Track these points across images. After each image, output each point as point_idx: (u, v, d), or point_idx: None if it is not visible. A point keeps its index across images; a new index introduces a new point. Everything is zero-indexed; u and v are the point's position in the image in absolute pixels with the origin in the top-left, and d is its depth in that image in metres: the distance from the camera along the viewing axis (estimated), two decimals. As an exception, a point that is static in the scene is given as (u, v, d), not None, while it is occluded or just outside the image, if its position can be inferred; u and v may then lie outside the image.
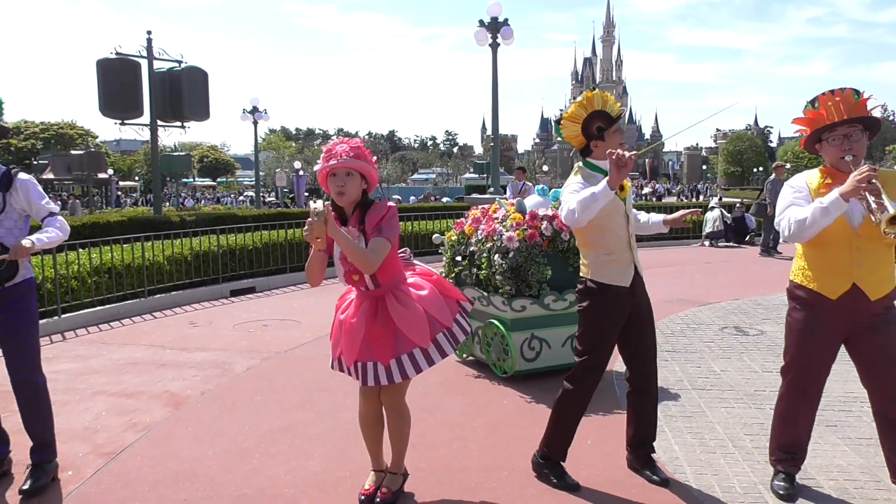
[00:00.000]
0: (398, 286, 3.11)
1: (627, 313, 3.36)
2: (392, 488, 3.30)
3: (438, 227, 12.57)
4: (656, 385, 3.57)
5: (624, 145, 3.25)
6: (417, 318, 3.05)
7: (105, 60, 12.28)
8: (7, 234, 3.35)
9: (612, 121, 3.28)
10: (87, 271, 7.74)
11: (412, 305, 3.07)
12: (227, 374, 5.55)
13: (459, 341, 3.22)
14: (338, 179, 2.96)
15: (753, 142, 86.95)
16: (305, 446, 3.96)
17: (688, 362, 5.64)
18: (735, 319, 7.31)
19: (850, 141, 2.96)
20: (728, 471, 3.56)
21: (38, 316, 3.59)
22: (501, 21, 15.63)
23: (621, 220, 3.30)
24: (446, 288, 3.29)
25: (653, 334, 3.52)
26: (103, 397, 4.98)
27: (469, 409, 4.62)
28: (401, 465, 3.36)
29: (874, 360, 3.06)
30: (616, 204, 3.22)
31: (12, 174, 3.39)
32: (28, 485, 3.41)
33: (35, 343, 3.50)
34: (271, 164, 54.75)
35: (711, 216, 16.05)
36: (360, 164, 2.95)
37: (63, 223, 3.44)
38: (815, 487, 3.37)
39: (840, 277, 3.02)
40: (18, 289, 3.41)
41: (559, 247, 5.12)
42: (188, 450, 3.96)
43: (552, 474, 3.47)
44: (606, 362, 3.44)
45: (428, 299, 3.13)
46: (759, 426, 4.17)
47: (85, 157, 28.93)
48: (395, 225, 3.02)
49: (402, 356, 3.04)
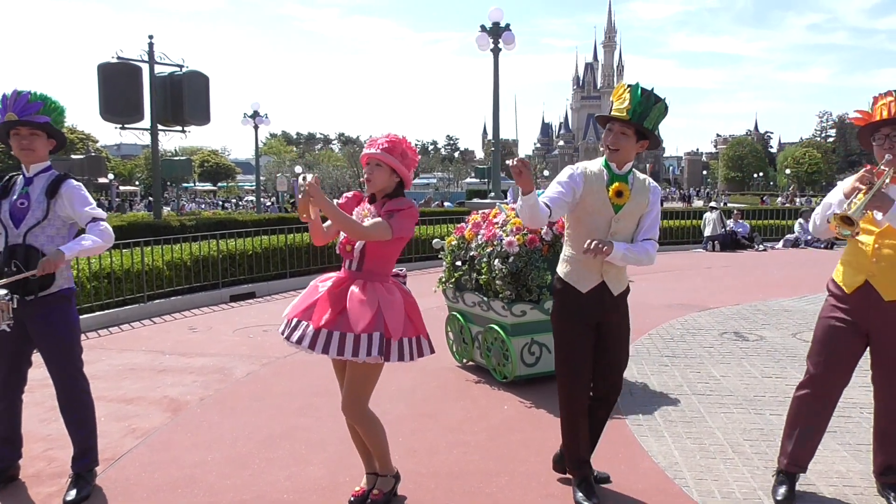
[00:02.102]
0: (385, 280, 3.16)
1: (592, 322, 3.20)
2: (384, 490, 3.31)
3: (439, 231, 12.60)
4: (610, 407, 3.38)
5: (604, 149, 3.18)
6: (398, 310, 3.09)
7: (106, 65, 12.31)
8: (49, 242, 3.31)
9: (604, 119, 3.20)
10: (87, 276, 7.72)
11: (396, 297, 3.13)
12: (227, 379, 5.54)
13: (414, 357, 3.17)
14: (368, 167, 3.14)
15: (753, 147, 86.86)
16: (305, 452, 3.95)
17: (687, 367, 5.63)
18: (735, 325, 7.30)
19: (891, 141, 2.98)
20: (728, 476, 3.55)
21: (79, 325, 3.55)
22: (503, 26, 15.66)
23: (602, 222, 3.13)
24: (419, 316, 3.25)
25: (619, 355, 3.31)
26: (102, 403, 4.92)
27: (469, 414, 4.62)
28: (388, 468, 3.35)
29: (887, 365, 3.10)
30: (602, 203, 3.11)
31: (61, 182, 3.36)
32: (73, 496, 3.38)
33: (73, 351, 3.47)
34: (272, 169, 54.84)
35: (710, 217, 16.11)
36: (387, 157, 3.08)
37: (105, 230, 3.36)
38: (815, 493, 3.37)
39: (856, 270, 3.09)
40: (54, 298, 3.36)
41: (559, 251, 5.10)
42: (187, 456, 3.94)
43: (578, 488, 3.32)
44: (579, 367, 3.21)
45: (409, 304, 3.19)
46: (759, 432, 4.17)
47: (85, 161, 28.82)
48: (406, 221, 3.08)
49: (374, 333, 2.99)
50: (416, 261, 12.46)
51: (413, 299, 3.24)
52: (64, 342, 3.42)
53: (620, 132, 3.10)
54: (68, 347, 3.44)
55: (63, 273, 3.37)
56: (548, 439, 4.04)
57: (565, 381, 3.27)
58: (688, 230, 16.88)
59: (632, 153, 3.16)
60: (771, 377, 5.28)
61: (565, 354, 3.26)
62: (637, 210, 3.17)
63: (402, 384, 5.25)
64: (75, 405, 3.50)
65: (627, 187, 3.13)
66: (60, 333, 3.40)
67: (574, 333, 3.21)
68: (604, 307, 3.20)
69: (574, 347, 3.22)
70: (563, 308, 3.25)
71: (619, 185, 3.11)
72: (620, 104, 3.07)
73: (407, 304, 3.17)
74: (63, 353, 3.42)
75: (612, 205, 3.11)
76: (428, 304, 7.41)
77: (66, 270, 3.41)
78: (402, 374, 5.50)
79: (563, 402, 3.31)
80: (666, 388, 5.04)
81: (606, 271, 3.17)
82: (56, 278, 3.32)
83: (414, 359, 3.17)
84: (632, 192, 3.14)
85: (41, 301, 3.31)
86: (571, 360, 3.24)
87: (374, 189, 3.15)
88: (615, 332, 3.27)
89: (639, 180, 3.20)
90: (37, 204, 3.31)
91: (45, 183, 3.36)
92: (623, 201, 3.11)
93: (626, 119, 3.05)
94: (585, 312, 3.19)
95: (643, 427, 4.28)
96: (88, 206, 3.38)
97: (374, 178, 3.11)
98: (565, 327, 3.24)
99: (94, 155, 35.88)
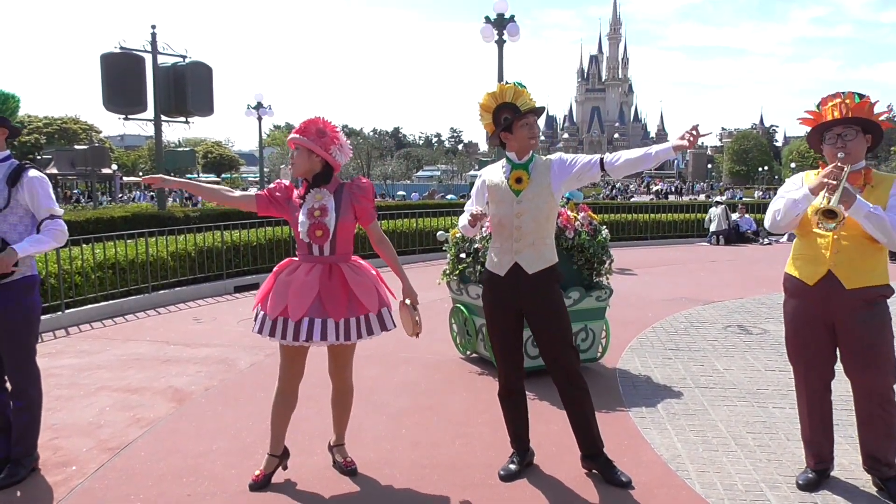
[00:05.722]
0: (348, 258, 3.36)
1: (514, 309, 3.39)
2: (349, 457, 3.61)
3: (443, 224, 12.59)
4: (574, 385, 3.38)
5: (534, 141, 3.34)
6: (369, 286, 3.32)
7: (109, 55, 12.27)
8: (11, 230, 3.34)
9: (520, 113, 3.29)
10: (91, 267, 7.76)
11: (365, 274, 3.36)
12: (231, 370, 5.56)
13: (389, 328, 3.41)
14: (292, 154, 3.32)
15: (759, 141, 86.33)
16: (308, 442, 3.97)
17: (691, 360, 5.63)
18: (738, 318, 7.30)
19: (843, 140, 3.09)
20: (730, 469, 3.56)
21: (39, 315, 3.55)
22: (508, 18, 15.54)
23: (508, 210, 3.35)
24: (383, 281, 3.51)
25: (550, 331, 3.36)
26: (107, 393, 4.99)
27: (472, 406, 4.63)
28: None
29: (855, 352, 3.16)
30: (504, 194, 3.35)
31: (22, 171, 3.38)
32: (1, 477, 3.41)
33: (28, 338, 3.47)
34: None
35: (715, 212, 16.05)
36: (301, 140, 3.22)
37: (61, 231, 3.42)
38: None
39: (818, 263, 3.18)
40: (16, 285, 3.36)
41: (563, 244, 5.11)
42: (192, 445, 3.96)
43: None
44: (506, 362, 3.48)
45: (375, 277, 3.43)
46: (762, 424, 4.17)
47: (89, 152, 28.79)
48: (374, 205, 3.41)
49: (353, 318, 3.25)
50: (419, 253, 12.47)
51: (371, 269, 3.48)
52: (19, 328, 3.41)
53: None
54: (23, 334, 3.44)
55: (25, 260, 3.39)
56: (551, 432, 4.05)
57: (499, 360, 3.53)
58: (691, 224, 16.81)
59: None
60: (774, 370, 5.28)
61: (494, 336, 3.50)
62: (541, 190, 3.33)
63: (406, 376, 5.26)
64: (22, 394, 3.49)
65: (526, 173, 3.34)
66: (16, 319, 3.39)
67: (497, 316, 3.44)
68: (520, 288, 3.35)
69: (498, 329, 3.46)
70: (487, 293, 3.48)
71: (517, 173, 3.36)
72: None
73: (372, 277, 3.41)
74: (16, 339, 3.42)
75: (513, 190, 3.34)
76: (431, 297, 7.46)
77: (28, 258, 3.42)
78: (406, 367, 5.51)
79: (499, 380, 3.59)
80: (669, 381, 5.05)
81: (517, 251, 3.35)
82: (18, 265, 3.33)
83: (388, 329, 3.41)
84: (532, 177, 3.34)
85: (3, 287, 3.32)
86: (498, 341, 3.48)
87: (297, 173, 3.31)
88: (543, 309, 3.37)
89: (538, 164, 3.39)
90: None
91: (6, 172, 3.37)
92: (522, 186, 3.33)
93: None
94: (507, 295, 3.39)
95: (646, 420, 4.28)
96: (49, 201, 3.41)
97: (295, 161, 3.28)
98: (489, 311, 3.48)
99: (97, 145, 35.84)
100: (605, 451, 3.47)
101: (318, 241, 3.26)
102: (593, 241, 5.24)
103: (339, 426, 3.65)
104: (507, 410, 3.62)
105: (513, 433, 3.64)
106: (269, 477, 3.45)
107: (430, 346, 6.00)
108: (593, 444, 3.45)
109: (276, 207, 3.40)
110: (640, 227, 16.15)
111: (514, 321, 3.43)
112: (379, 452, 3.84)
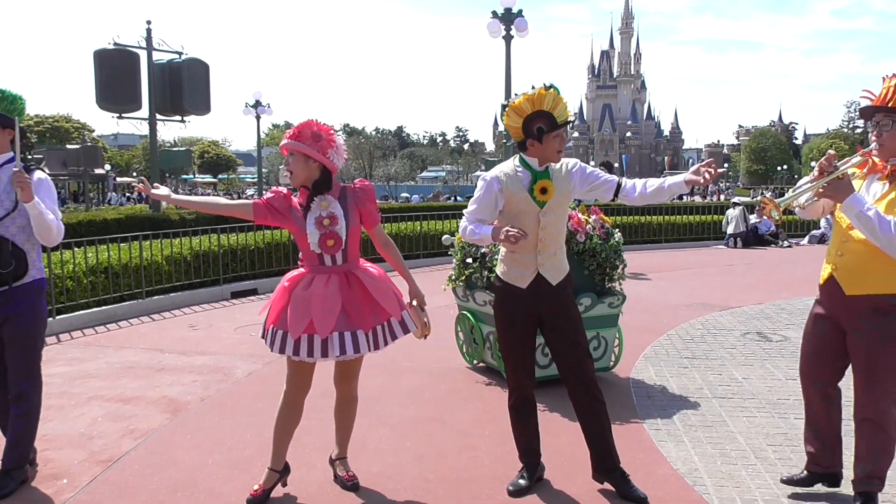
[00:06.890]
0: (359, 264, 3.29)
1: (532, 318, 3.30)
2: (351, 471, 3.49)
3: (448, 227, 12.42)
4: (591, 396, 3.28)
5: (561, 154, 3.21)
6: (388, 291, 3.26)
7: (102, 51, 12.06)
8: (20, 233, 3.34)
9: (555, 125, 3.14)
10: (83, 271, 7.61)
11: (380, 278, 3.27)
12: (228, 379, 5.44)
13: (411, 330, 3.35)
14: (286, 161, 3.17)
15: (777, 139, 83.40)
16: (307, 454, 3.85)
17: (708, 369, 5.51)
18: (758, 324, 7.16)
19: (880, 128, 2.90)
20: (750, 483, 3.45)
21: (46, 321, 3.56)
22: (515, 12, 15.31)
23: (531, 222, 3.20)
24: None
25: (570, 339, 3.28)
26: (99, 402, 4.87)
27: (480, 417, 4.52)
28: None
29: (856, 363, 3.02)
30: (528, 205, 3.20)
31: (28, 173, 3.30)
32: None
33: (36, 344, 3.45)
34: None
35: (733, 214, 15.85)
36: (296, 145, 3.08)
37: (61, 228, 3.40)
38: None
39: (827, 262, 3.09)
40: (27, 289, 3.36)
41: (574, 248, 4.97)
42: (187, 458, 3.87)
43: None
44: (521, 372, 3.38)
45: (389, 280, 3.35)
46: (783, 436, 4.07)
47: (81, 151, 28.63)
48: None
49: (379, 326, 3.21)
50: (424, 257, 12.33)
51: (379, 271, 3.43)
52: (29, 334, 3.40)
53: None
54: (32, 340, 3.42)
55: (34, 263, 3.39)
56: (560, 444, 3.94)
57: (513, 369, 3.41)
58: (708, 226, 16.54)
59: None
60: (795, 379, 5.07)
61: (509, 346, 3.37)
62: (563, 199, 3.25)
63: (411, 386, 5.16)
64: (23, 399, 3.41)
65: (551, 183, 3.20)
66: (29, 321, 3.38)
67: (515, 327, 3.32)
68: (541, 298, 3.26)
69: (515, 339, 3.34)
70: (504, 304, 3.34)
71: (542, 183, 3.19)
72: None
73: (387, 280, 3.35)
74: (28, 342, 3.39)
75: (538, 202, 3.19)
76: (437, 303, 7.28)
77: (37, 261, 3.43)
78: (411, 376, 5.41)
79: (509, 390, 3.49)
80: (686, 391, 4.93)
81: (541, 264, 3.24)
82: (28, 268, 3.33)
83: (408, 332, 3.36)
84: (555, 185, 3.21)
85: (14, 291, 3.31)
86: (514, 351, 3.36)
87: (296, 182, 3.16)
88: (562, 317, 3.29)
89: (557, 171, 3.26)
90: (5, 195, 3.30)
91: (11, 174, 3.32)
92: (547, 198, 3.18)
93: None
94: (527, 305, 3.27)
95: (661, 432, 4.17)
96: (52, 205, 3.38)
97: (293, 169, 3.12)
98: (506, 322, 3.35)
99: (90, 145, 35.70)
100: (620, 465, 3.35)
101: (331, 250, 3.15)
102: (605, 244, 5.10)
103: (341, 437, 3.56)
104: (517, 422, 3.50)
105: (523, 446, 3.51)
106: (268, 492, 3.33)
107: (435, 354, 5.88)
108: (609, 457, 3.33)
109: (274, 217, 3.25)
110: (654, 229, 15.93)
111: (531, 330, 3.34)
112: (382, 465, 3.74)
